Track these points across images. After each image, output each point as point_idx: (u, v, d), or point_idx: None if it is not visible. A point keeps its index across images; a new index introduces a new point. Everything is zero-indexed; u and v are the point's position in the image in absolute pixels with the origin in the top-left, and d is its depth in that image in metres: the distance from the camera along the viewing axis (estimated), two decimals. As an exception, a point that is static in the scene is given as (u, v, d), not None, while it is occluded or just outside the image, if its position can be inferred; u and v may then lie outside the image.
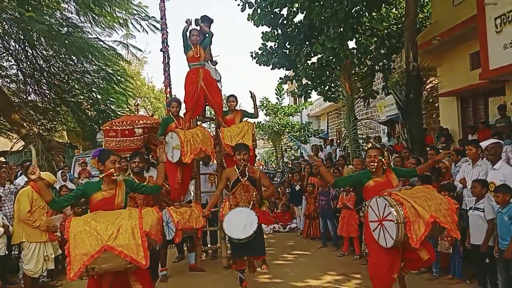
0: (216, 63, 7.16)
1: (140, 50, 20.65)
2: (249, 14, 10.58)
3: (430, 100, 10.53)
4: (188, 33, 6.44)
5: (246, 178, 4.88)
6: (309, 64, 11.17)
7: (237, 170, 4.92)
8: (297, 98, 20.33)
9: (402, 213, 3.71)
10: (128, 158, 5.45)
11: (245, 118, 6.88)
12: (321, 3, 9.14)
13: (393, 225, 3.71)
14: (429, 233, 3.75)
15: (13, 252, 5.95)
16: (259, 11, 10.45)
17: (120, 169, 3.81)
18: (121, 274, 3.56)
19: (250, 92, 6.87)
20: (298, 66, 10.83)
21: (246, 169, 4.93)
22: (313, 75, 11.63)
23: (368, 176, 4.27)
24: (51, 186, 7.45)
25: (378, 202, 3.91)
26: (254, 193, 4.84)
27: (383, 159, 4.20)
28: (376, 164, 4.17)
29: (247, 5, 10.45)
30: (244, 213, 4.65)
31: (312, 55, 11.13)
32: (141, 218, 3.48)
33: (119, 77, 16.37)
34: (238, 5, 10.55)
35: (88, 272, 3.28)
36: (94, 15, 14.50)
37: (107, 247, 3.25)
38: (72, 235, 3.29)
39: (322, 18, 8.86)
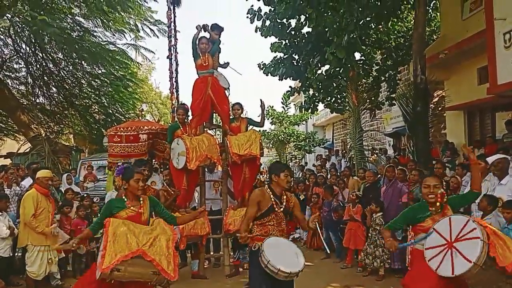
0: (228, 63, 7.11)
1: (152, 52, 20.81)
2: (257, 26, 10.68)
3: (437, 113, 10.52)
4: (197, 41, 6.49)
5: (282, 209, 3.83)
6: (318, 75, 11.21)
7: (270, 194, 3.80)
8: (303, 109, 20.38)
9: (486, 235, 3.10)
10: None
11: (250, 127, 6.90)
12: (330, 13, 9.19)
13: (477, 242, 3.04)
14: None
15: (16, 254, 5.97)
16: (267, 23, 10.54)
17: (144, 187, 3.76)
18: None
19: (261, 100, 6.87)
20: (309, 76, 10.86)
21: (284, 196, 3.89)
22: (320, 86, 11.67)
23: (425, 212, 3.57)
24: (57, 188, 7.56)
25: (453, 220, 3.30)
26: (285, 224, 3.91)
27: (443, 192, 3.55)
28: (437, 197, 3.49)
29: (255, 17, 10.55)
30: (286, 244, 3.78)
31: (319, 65, 11.18)
32: (175, 234, 3.62)
33: (128, 82, 16.51)
34: (247, 17, 10.65)
35: (112, 273, 3.28)
36: (104, 20, 14.68)
37: (142, 252, 3.34)
38: (112, 231, 3.37)
39: (335, 26, 8.88)
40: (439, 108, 10.93)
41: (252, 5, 10.63)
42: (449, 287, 3.23)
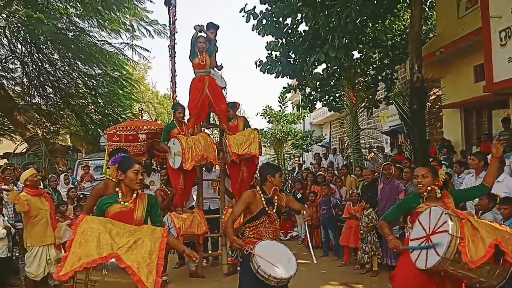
0: (222, 67, 7.15)
1: (147, 50, 20.60)
2: (253, 25, 10.67)
3: (434, 111, 10.54)
4: (195, 40, 6.48)
5: (274, 210, 3.75)
6: (314, 74, 11.22)
7: (261, 195, 3.72)
8: (301, 107, 20.42)
9: (459, 229, 2.99)
10: None
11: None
12: (326, 13, 9.20)
13: (445, 236, 2.96)
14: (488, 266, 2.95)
15: (13, 254, 5.96)
16: (263, 22, 10.52)
17: (142, 181, 3.26)
18: None
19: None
20: (306, 75, 10.86)
21: (275, 196, 3.79)
22: (318, 85, 11.67)
23: (417, 200, 3.54)
24: (54, 188, 7.54)
25: (432, 211, 3.24)
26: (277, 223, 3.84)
27: (435, 181, 3.51)
28: (424, 186, 3.48)
29: (251, 16, 10.54)
30: (277, 247, 3.65)
31: (317, 64, 11.18)
32: (164, 238, 2.98)
33: (124, 82, 16.49)
34: (243, 16, 10.63)
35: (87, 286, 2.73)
36: (100, 20, 14.64)
37: (115, 256, 2.73)
38: (81, 229, 2.79)
39: (328, 28, 8.90)
40: (436, 106, 10.94)
41: (246, 4, 10.63)
42: (431, 279, 3.18)
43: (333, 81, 11.65)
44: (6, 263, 5.76)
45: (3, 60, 15.21)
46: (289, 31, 10.93)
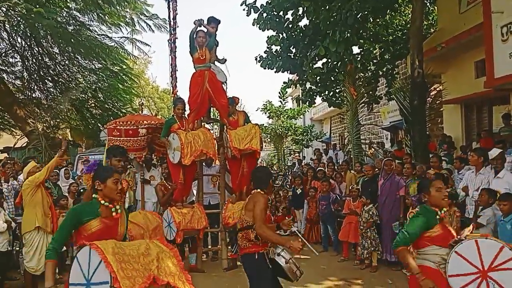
0: (225, 60, 7.04)
1: (148, 45, 20.57)
2: (254, 19, 10.62)
3: (434, 107, 10.53)
4: (194, 35, 6.46)
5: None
6: (314, 69, 11.19)
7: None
8: (300, 101, 20.43)
9: None
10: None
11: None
12: (327, 7, 9.16)
13: None
14: None
15: (14, 248, 5.97)
16: (264, 16, 10.48)
17: (122, 191, 3.04)
18: None
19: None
20: (305, 69, 10.84)
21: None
22: (318, 80, 11.65)
23: (434, 219, 3.12)
24: (54, 183, 7.54)
25: (481, 243, 2.92)
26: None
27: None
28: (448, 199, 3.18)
29: (252, 10, 10.49)
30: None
31: (317, 59, 11.15)
32: (174, 249, 2.95)
33: (124, 76, 16.47)
34: (244, 9, 10.58)
35: None
36: (100, 14, 14.59)
37: (155, 277, 2.66)
38: (109, 254, 2.56)
39: (328, 23, 8.89)
40: (437, 102, 10.92)
41: None
42: None
43: (333, 76, 11.63)
44: (7, 257, 5.77)
45: (3, 54, 15.19)
46: (290, 25, 10.90)
